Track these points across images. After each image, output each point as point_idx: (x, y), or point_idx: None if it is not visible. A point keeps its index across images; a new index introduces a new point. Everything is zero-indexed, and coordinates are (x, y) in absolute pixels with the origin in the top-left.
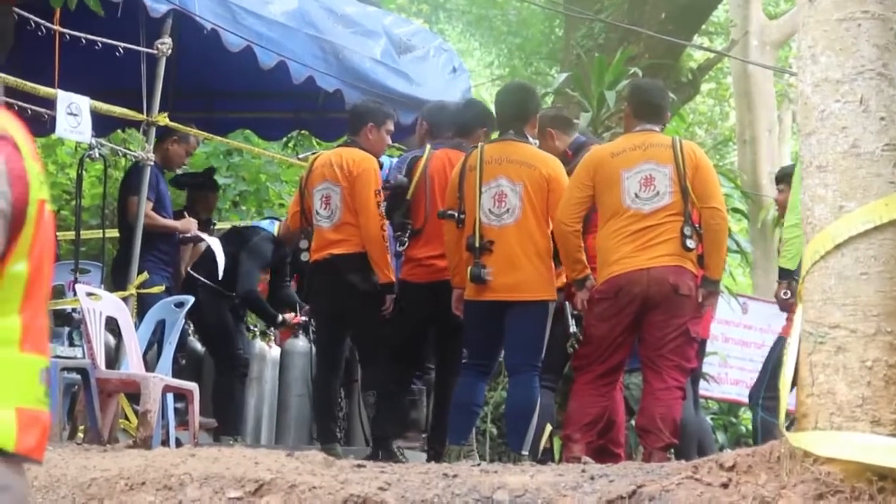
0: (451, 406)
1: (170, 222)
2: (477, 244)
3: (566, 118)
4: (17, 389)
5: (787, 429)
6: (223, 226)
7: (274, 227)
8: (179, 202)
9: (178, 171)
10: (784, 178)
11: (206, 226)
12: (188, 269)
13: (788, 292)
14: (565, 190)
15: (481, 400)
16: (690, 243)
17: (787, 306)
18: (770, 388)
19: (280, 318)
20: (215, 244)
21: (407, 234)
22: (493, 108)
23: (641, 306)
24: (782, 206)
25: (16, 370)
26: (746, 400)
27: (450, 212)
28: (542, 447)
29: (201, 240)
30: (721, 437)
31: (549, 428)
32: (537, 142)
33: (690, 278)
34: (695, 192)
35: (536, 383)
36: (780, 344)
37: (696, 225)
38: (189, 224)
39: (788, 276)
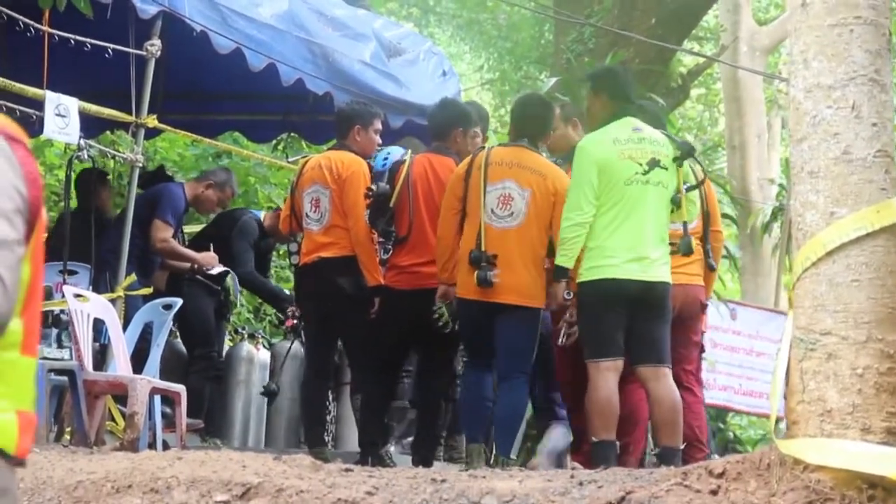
0: (462, 405)
1: (190, 253)
2: (483, 260)
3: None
4: (18, 392)
5: (777, 436)
6: (192, 229)
7: (260, 214)
8: None
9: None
10: None
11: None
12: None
13: (571, 292)
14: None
15: (491, 393)
16: None
17: (565, 308)
18: None
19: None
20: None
21: (391, 242)
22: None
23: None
24: None
25: (17, 373)
26: (734, 406)
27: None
28: None
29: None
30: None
31: None
32: (546, 154)
33: None
34: None
35: (526, 389)
36: None
37: None
38: (209, 258)
39: (566, 275)
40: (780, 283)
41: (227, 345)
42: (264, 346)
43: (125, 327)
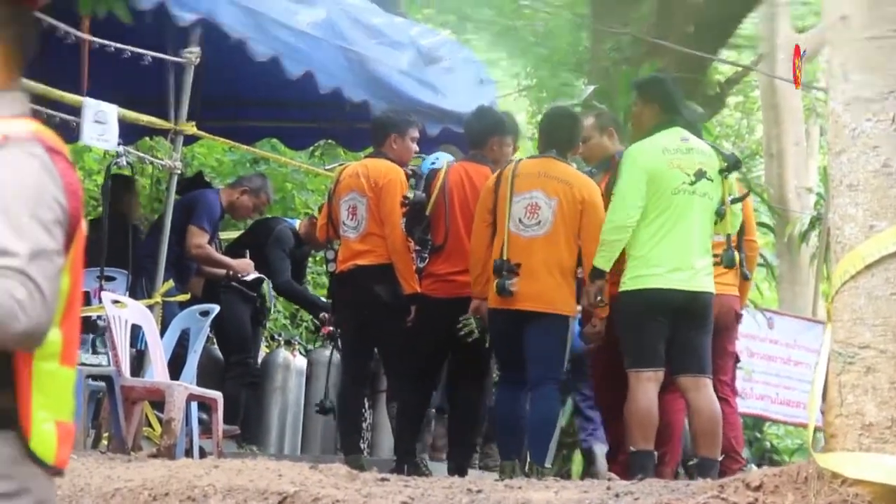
0: (497, 422)
1: (225, 259)
2: (504, 269)
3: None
4: (57, 403)
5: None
6: (229, 235)
7: (296, 223)
8: None
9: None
10: None
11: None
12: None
13: (601, 295)
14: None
15: (524, 411)
16: None
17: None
18: None
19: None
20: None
21: (427, 250)
22: (509, 117)
23: None
24: None
25: (57, 384)
26: (771, 415)
27: None
28: None
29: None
30: (745, 452)
31: None
32: (575, 165)
33: None
34: None
35: (558, 396)
36: None
37: None
38: (245, 265)
39: (601, 277)
40: (818, 292)
41: (263, 351)
42: (301, 352)
43: (162, 333)
